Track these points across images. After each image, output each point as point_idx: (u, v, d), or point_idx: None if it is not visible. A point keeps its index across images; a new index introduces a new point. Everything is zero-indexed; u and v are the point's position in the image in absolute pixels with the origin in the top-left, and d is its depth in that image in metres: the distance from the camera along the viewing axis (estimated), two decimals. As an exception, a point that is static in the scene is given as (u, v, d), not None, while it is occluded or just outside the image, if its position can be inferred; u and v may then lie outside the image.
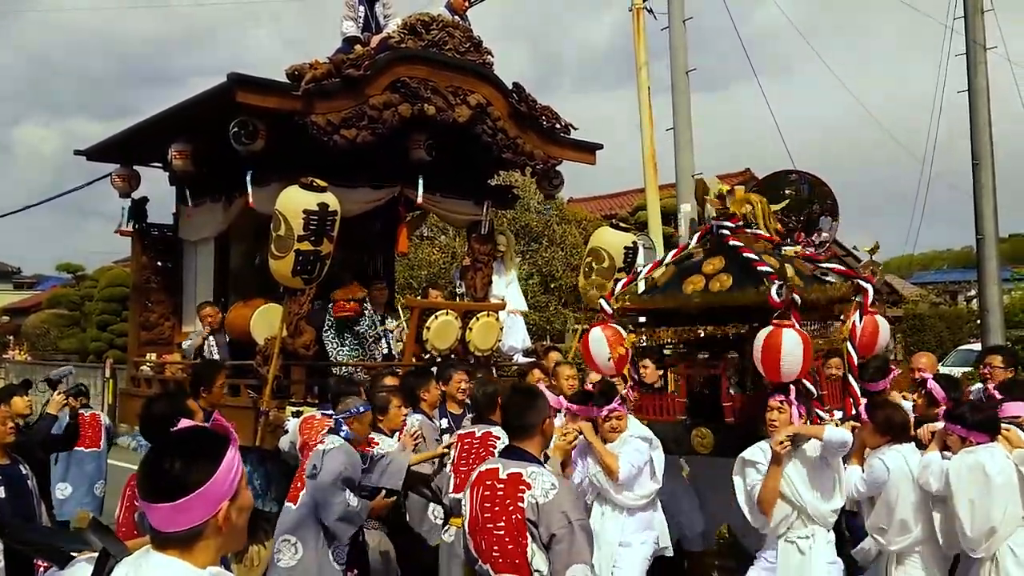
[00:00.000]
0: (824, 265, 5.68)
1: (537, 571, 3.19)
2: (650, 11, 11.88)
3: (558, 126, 8.06)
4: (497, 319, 7.91)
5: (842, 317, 5.63)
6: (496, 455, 4.11)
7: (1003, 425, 4.47)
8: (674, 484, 5.75)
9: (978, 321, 14.48)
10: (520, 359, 8.58)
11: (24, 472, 4.86)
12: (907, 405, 5.68)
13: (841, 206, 7.77)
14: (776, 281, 4.88)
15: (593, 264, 8.10)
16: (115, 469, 8.11)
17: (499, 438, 4.81)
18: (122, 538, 2.46)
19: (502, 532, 3.26)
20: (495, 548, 3.27)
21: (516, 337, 8.79)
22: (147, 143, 8.03)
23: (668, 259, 5.88)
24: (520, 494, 3.24)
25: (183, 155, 7.37)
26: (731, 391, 5.24)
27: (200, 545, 1.85)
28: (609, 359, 5.42)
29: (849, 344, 5.42)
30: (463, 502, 3.51)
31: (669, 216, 13.34)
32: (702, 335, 5.37)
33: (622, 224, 9.07)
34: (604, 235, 8.26)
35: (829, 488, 4.67)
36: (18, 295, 43.26)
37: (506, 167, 9.54)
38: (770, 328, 4.77)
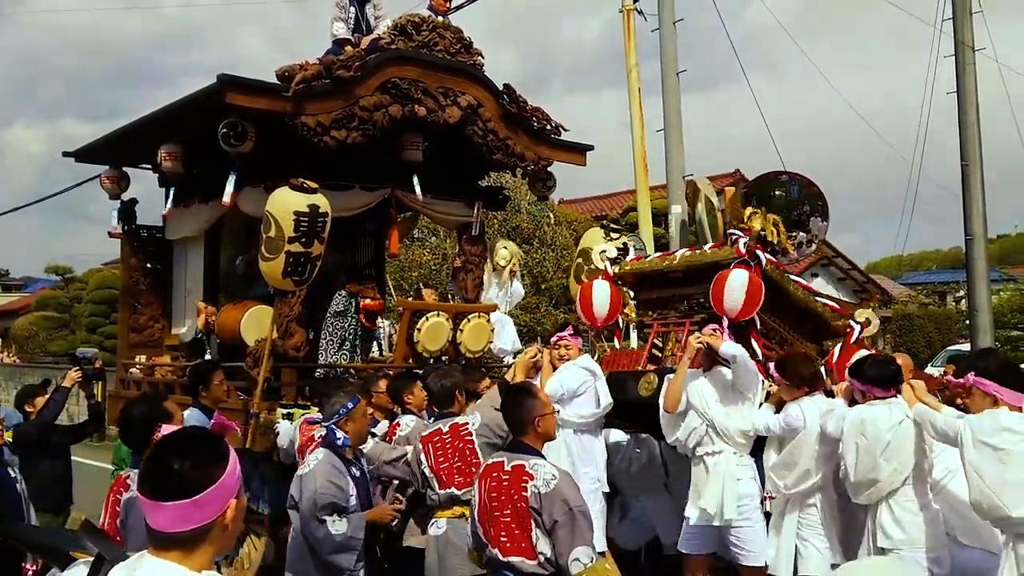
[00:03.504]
0: (820, 299, 5.94)
1: (541, 553, 3.52)
2: (640, 12, 11.88)
3: (549, 127, 8.06)
4: (488, 320, 7.92)
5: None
6: (475, 441, 4.67)
7: (912, 380, 4.60)
8: (655, 491, 5.91)
9: (967, 321, 14.54)
10: (510, 361, 8.58)
11: (13, 476, 4.84)
12: None
13: (831, 207, 7.79)
14: (745, 236, 5.33)
15: (583, 264, 8.12)
16: (101, 470, 8.08)
17: (468, 424, 4.84)
18: None
19: (509, 519, 3.61)
20: (503, 534, 3.62)
21: (506, 339, 8.79)
22: (136, 144, 7.99)
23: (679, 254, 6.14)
24: (524, 484, 3.58)
25: (173, 156, 7.33)
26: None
27: (202, 547, 1.86)
28: (604, 312, 5.92)
29: (823, 368, 5.69)
30: (473, 493, 3.85)
31: (660, 217, 13.36)
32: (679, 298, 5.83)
33: (613, 226, 9.08)
34: (595, 236, 8.27)
35: (741, 409, 4.93)
36: (6, 297, 43.14)
37: (497, 168, 9.54)
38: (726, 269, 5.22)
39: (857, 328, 5.73)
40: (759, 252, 5.29)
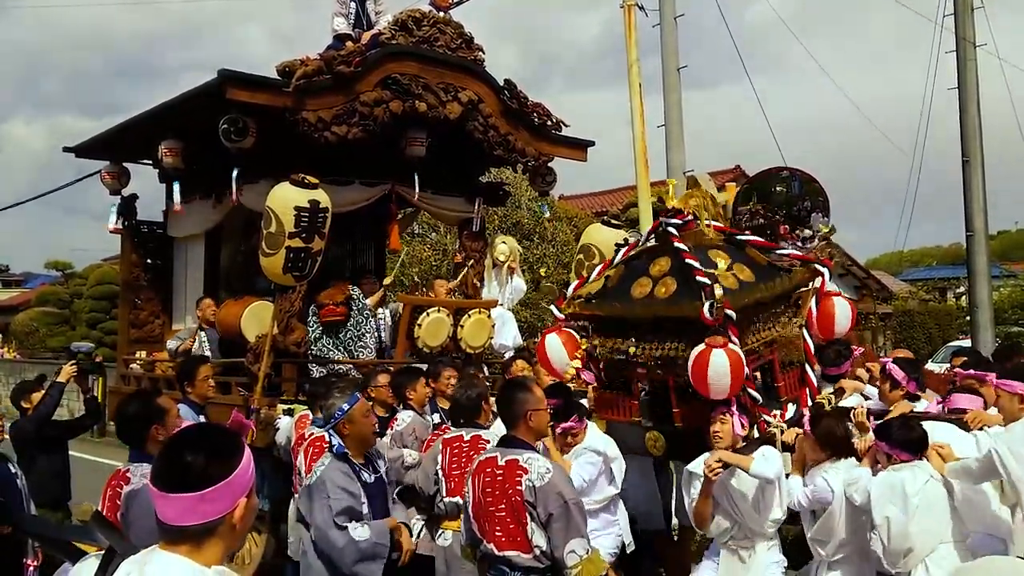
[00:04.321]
0: (779, 252, 5.47)
1: (537, 546, 3.51)
2: (641, 8, 11.85)
3: (549, 123, 8.05)
4: (488, 316, 7.91)
5: (799, 303, 5.42)
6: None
7: (937, 444, 4.46)
8: (638, 464, 5.76)
9: (967, 317, 14.55)
10: (510, 356, 8.57)
11: (13, 471, 4.82)
12: (872, 391, 5.73)
13: (832, 203, 7.75)
14: (709, 299, 4.66)
15: (584, 261, 8.09)
16: (100, 465, 8.07)
17: (488, 441, 4.77)
18: None
19: (504, 514, 3.58)
20: (498, 528, 3.60)
21: (507, 334, 8.79)
22: (137, 140, 7.99)
23: (619, 258, 5.64)
24: (518, 478, 3.55)
25: (173, 152, 7.33)
26: (680, 397, 5.01)
27: (211, 542, 1.87)
28: (567, 364, 5.28)
29: (805, 331, 5.28)
30: (466, 489, 3.79)
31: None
32: (648, 349, 5.08)
33: (613, 221, 9.07)
34: (595, 232, 8.25)
35: (769, 503, 4.65)
36: (6, 293, 43.08)
37: (497, 164, 9.53)
38: (701, 347, 4.60)
39: (825, 271, 5.28)
40: (728, 312, 4.63)
